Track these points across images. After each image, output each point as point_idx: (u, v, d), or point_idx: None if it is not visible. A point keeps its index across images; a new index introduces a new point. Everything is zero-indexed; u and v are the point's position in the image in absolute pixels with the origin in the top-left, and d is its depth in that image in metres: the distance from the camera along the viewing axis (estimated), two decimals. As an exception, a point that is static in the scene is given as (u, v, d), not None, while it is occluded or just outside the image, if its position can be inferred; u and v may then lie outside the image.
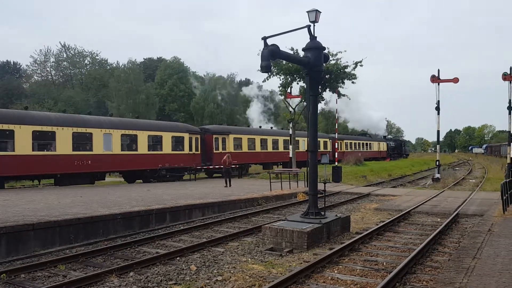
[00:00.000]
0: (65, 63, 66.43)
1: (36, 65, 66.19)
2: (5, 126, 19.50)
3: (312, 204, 11.76)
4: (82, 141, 22.81)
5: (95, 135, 23.20)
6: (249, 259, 9.49)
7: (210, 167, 30.98)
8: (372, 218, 14.90)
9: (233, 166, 26.89)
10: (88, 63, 67.65)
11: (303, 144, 40.74)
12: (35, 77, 67.95)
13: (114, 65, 66.94)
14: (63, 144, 21.75)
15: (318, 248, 10.44)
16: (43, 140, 21.09)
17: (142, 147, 25.89)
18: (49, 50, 64.73)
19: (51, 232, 10.81)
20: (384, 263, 9.00)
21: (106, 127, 24.06)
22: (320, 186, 12.60)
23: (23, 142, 20.03)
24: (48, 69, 66.77)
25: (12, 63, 77.54)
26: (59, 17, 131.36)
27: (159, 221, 13.80)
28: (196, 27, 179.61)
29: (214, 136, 32.12)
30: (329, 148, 49.48)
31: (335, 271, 8.45)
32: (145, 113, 51.41)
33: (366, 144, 62.14)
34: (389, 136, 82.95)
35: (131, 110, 57.47)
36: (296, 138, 33.61)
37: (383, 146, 69.36)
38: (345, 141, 55.02)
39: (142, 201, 15.47)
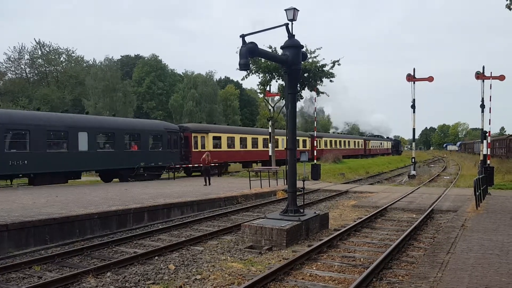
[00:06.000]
0: (40, 60, 64.72)
1: (10, 62, 64.23)
2: (254, 136, 38.75)
3: (291, 202, 11.82)
4: (255, 143, 38.78)
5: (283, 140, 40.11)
6: (229, 258, 9.49)
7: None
8: (350, 215, 15.11)
9: (212, 164, 27.06)
10: (63, 60, 66.07)
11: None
12: (9, 75, 65.99)
13: (91, 63, 65.55)
14: (249, 145, 38.01)
15: (297, 245, 10.53)
16: (243, 143, 36.85)
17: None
18: (23, 47, 62.96)
19: (25, 233, 10.58)
20: (362, 259, 9.14)
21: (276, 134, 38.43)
22: (299, 184, 12.70)
23: (262, 144, 38.97)
24: (22, 66, 64.95)
25: (-17, 60, 75.31)
26: (34, 14, 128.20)
27: (137, 220, 13.66)
28: (173, 25, 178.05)
29: (317, 139, 46.23)
30: (362, 146, 70.69)
31: (314, 268, 8.53)
32: (122, 111, 50.56)
33: (381, 143, 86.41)
34: (390, 137, 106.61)
35: (108, 108, 56.48)
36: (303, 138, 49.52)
37: (389, 145, 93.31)
38: (371, 141, 76.93)
39: (120, 201, 15.29)
